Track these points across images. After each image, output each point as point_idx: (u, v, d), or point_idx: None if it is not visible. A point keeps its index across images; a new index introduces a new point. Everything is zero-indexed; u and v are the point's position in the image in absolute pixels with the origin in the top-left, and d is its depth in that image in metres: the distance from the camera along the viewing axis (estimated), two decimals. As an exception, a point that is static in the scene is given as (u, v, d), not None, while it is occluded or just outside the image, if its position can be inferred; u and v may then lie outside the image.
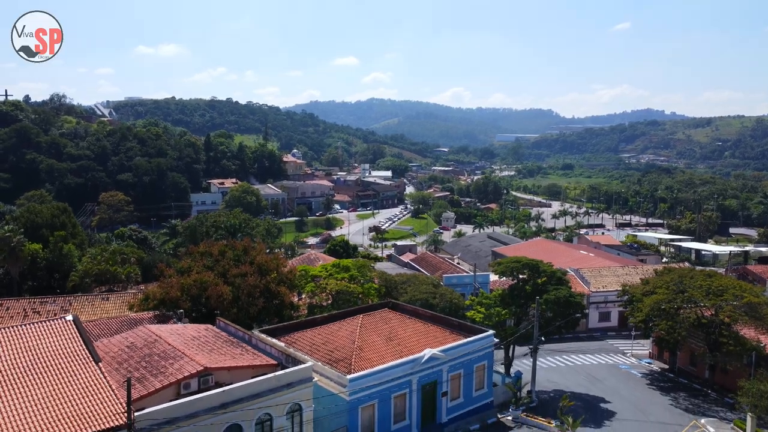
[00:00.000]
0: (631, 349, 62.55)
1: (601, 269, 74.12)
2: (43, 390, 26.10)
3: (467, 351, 40.34)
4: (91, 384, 27.07)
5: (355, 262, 54.07)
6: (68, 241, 73.93)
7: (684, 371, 55.04)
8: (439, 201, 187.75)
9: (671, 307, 49.23)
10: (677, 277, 52.75)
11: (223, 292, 44.78)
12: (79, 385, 26.89)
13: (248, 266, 48.05)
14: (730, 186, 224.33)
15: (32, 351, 28.53)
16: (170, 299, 44.47)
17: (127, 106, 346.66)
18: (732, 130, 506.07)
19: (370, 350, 38.03)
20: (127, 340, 35.42)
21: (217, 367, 31.40)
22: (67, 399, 25.84)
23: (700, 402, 48.05)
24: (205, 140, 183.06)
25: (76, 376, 27.41)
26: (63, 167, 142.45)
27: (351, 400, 34.06)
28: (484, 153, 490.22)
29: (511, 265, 47.83)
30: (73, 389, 26.52)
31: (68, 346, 29.48)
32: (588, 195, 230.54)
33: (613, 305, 69.46)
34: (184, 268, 49.50)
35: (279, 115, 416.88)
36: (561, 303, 44.81)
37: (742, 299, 47.07)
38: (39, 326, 30.46)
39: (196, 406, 27.70)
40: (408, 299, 49.62)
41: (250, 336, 37.10)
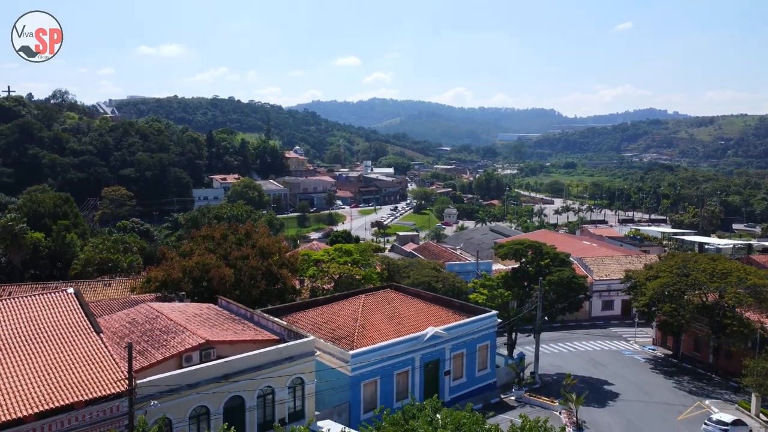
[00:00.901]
0: (635, 336, 62.31)
1: (604, 258, 73.85)
2: (44, 358, 25.95)
3: (470, 330, 40.16)
4: (92, 353, 26.93)
5: (358, 246, 53.87)
6: (71, 230, 73.88)
7: (688, 357, 54.76)
8: (442, 197, 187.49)
9: (675, 291, 48.96)
10: (681, 261, 52.53)
11: (225, 274, 44.64)
12: (80, 353, 26.75)
13: (250, 249, 47.92)
14: (733, 183, 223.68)
15: (33, 321, 28.39)
16: (172, 281, 44.37)
17: (130, 105, 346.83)
18: (735, 128, 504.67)
19: (372, 329, 37.87)
20: (129, 316, 35.32)
21: (219, 340, 31.25)
22: (68, 367, 25.70)
23: (704, 385, 47.79)
24: (207, 136, 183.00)
25: (77, 346, 27.28)
26: (65, 162, 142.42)
27: (353, 376, 33.92)
28: (487, 152, 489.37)
29: (515, 247, 47.60)
30: (74, 358, 26.38)
31: (69, 317, 29.34)
32: (590, 192, 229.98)
33: (616, 293, 69.15)
34: (185, 251, 49.42)
35: (281, 113, 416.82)
36: (564, 284, 44.59)
37: (746, 282, 46.84)
38: (40, 298, 30.34)
39: (197, 376, 27.58)
40: (410, 283, 49.44)
41: (252, 313, 36.96)
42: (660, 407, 41.55)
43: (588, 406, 40.06)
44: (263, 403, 30.21)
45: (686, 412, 40.84)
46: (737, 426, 36.82)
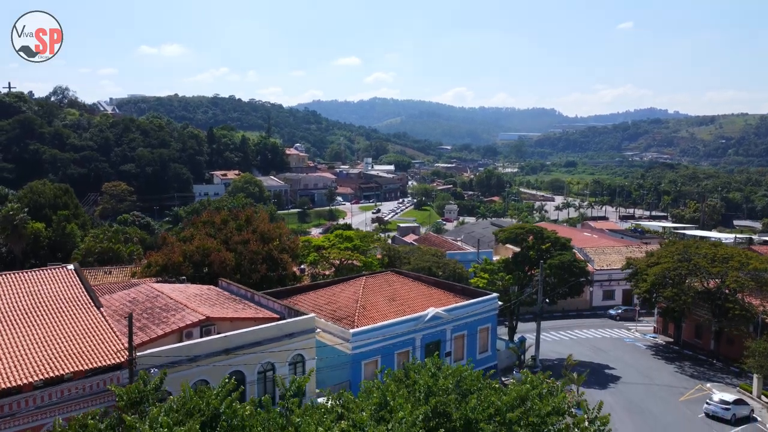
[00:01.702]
0: (636, 325, 62.19)
1: (605, 248, 73.77)
2: (44, 330, 25.89)
3: (471, 312, 40.06)
4: (91, 326, 26.87)
5: (358, 232, 53.79)
6: (71, 221, 73.86)
7: (689, 344, 54.62)
8: (442, 193, 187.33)
9: (676, 276, 48.84)
10: (682, 247, 52.42)
11: (225, 258, 44.62)
12: (80, 326, 26.69)
13: (250, 234, 47.88)
14: (734, 180, 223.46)
15: (33, 295, 28.34)
16: (172, 265, 44.30)
17: (130, 103, 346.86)
18: (736, 128, 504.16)
19: (373, 309, 37.79)
20: (129, 295, 35.26)
21: (219, 317, 31.18)
22: (67, 338, 25.64)
23: (705, 370, 47.70)
24: (207, 132, 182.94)
25: (77, 319, 27.22)
26: (66, 157, 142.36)
27: (353, 355, 33.83)
28: (487, 151, 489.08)
29: (515, 231, 47.53)
30: (73, 330, 26.32)
31: (69, 291, 29.29)
32: (591, 189, 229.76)
33: (617, 283, 69.02)
34: (186, 236, 49.37)
35: (282, 112, 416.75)
36: (565, 268, 44.47)
37: (747, 266, 46.71)
38: (40, 273, 30.32)
39: (197, 350, 27.51)
40: (411, 268, 49.34)
41: (253, 294, 36.92)
42: (661, 389, 41.46)
43: (589, 388, 39.95)
44: (264, 378, 30.13)
45: (687, 394, 40.77)
46: (739, 405, 36.73)
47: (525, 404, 14.67)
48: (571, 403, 15.61)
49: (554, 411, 14.18)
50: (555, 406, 14.42)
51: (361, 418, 14.00)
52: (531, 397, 14.82)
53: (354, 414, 14.38)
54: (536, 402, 14.61)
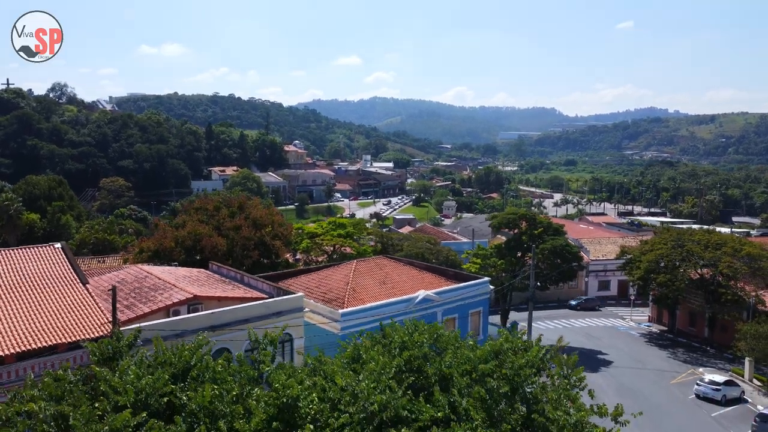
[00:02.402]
0: (630, 315, 62.10)
1: (601, 239, 73.69)
2: (29, 305, 25.81)
3: (462, 296, 39.92)
4: (77, 301, 26.80)
5: (351, 220, 53.72)
6: (65, 212, 73.90)
7: (683, 332, 54.54)
8: (441, 190, 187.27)
9: (670, 261, 48.77)
10: (676, 234, 52.37)
11: (217, 243, 44.52)
12: (65, 301, 26.62)
13: (243, 220, 47.80)
14: (733, 177, 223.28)
15: (19, 271, 28.26)
16: (164, 250, 44.20)
17: (130, 102, 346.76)
18: (736, 126, 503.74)
19: (363, 292, 37.67)
20: (118, 276, 35.16)
21: (207, 295, 31.12)
22: (52, 313, 25.57)
23: (698, 356, 47.61)
24: (206, 129, 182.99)
25: (62, 294, 27.15)
26: (64, 153, 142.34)
27: (343, 335, 33.67)
28: (487, 150, 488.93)
29: (508, 216, 47.44)
30: (58, 305, 26.25)
31: (56, 268, 29.22)
32: (590, 186, 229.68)
33: (612, 274, 68.93)
34: (179, 223, 49.31)
35: (281, 111, 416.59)
36: (558, 252, 44.37)
37: (741, 252, 46.63)
38: (27, 250, 30.25)
39: (183, 326, 27.34)
40: (404, 255, 49.22)
41: (243, 275, 36.87)
42: (653, 373, 41.38)
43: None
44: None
45: (679, 377, 40.69)
46: (729, 386, 36.62)
47: (498, 357, 14.58)
48: (546, 358, 15.47)
49: (528, 364, 14.08)
50: (529, 360, 14.33)
51: (332, 369, 13.94)
52: (504, 351, 14.73)
53: (325, 366, 14.32)
54: (509, 355, 14.52)
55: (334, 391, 13.32)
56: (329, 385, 13.54)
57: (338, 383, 13.08)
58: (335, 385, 13.40)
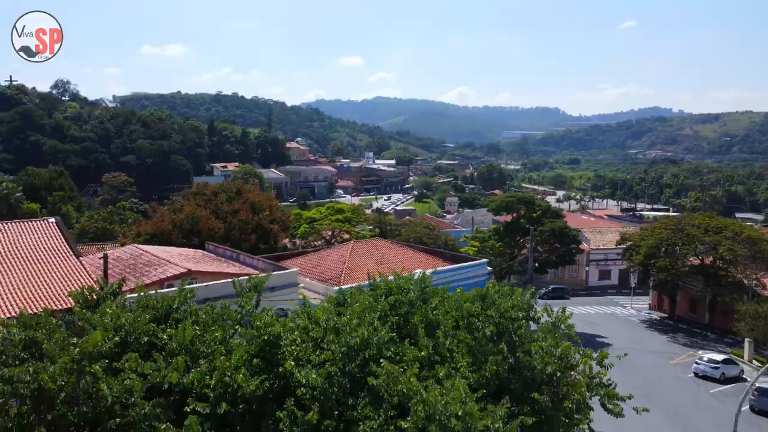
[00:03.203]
0: (631, 303, 61.78)
1: (602, 228, 73.40)
2: (21, 275, 25.77)
3: (460, 276, 39.70)
4: (69, 272, 26.75)
5: (350, 205, 53.61)
6: (66, 202, 74.03)
7: (684, 318, 54.29)
8: (444, 186, 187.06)
9: (669, 246, 48.49)
10: (676, 220, 52.11)
11: (214, 227, 44.48)
12: (58, 273, 26.58)
13: (241, 204, 47.75)
14: (736, 174, 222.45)
15: (13, 243, 28.23)
16: (162, 233, 44.18)
17: (133, 100, 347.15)
18: (740, 125, 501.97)
19: (360, 272, 37.47)
20: (113, 254, 35.15)
21: (201, 270, 31.13)
22: (44, 283, 25.53)
23: (698, 340, 47.36)
24: (208, 125, 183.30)
25: (55, 266, 27.11)
26: (66, 149, 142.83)
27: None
28: (490, 149, 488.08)
29: (507, 200, 47.26)
30: (51, 275, 26.21)
31: (49, 242, 29.19)
32: (593, 182, 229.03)
33: (613, 263, 68.67)
34: (177, 207, 49.34)
35: (284, 109, 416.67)
36: (556, 234, 44.14)
37: (741, 236, 46.33)
38: (21, 224, 30.27)
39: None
40: (402, 239, 49.13)
41: (239, 254, 36.85)
42: (652, 354, 41.14)
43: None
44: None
45: (678, 358, 40.42)
46: (728, 364, 36.37)
47: (485, 301, 14.42)
48: (532, 303, 15.25)
49: (514, 307, 13.92)
50: (515, 303, 14.17)
51: (317, 313, 13.82)
52: (490, 294, 14.57)
53: (309, 309, 14.21)
54: (496, 297, 14.35)
55: (316, 331, 13.22)
56: (312, 326, 13.44)
57: (319, 318, 13.00)
58: (318, 326, 13.29)
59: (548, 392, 12.89)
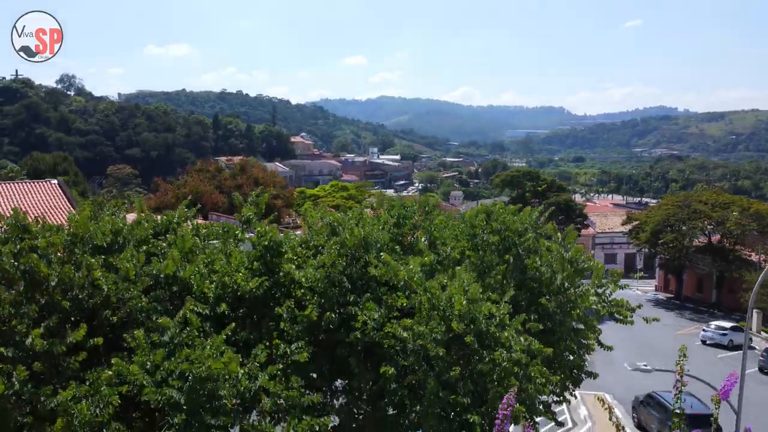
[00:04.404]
0: (637, 286, 61.35)
1: (607, 212, 73.01)
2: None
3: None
4: (72, 228, 26.66)
5: (354, 183, 53.37)
6: (70, 187, 74.03)
7: (690, 298, 53.89)
8: (448, 180, 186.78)
9: (676, 221, 48.08)
10: (683, 196, 51.71)
11: (217, 201, 44.46)
12: (61, 228, 26.48)
13: (244, 179, 47.71)
14: (743, 169, 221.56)
15: (17, 203, 28.16)
16: (165, 207, 44.07)
17: (138, 98, 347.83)
18: (746, 123, 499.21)
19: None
20: (117, 221, 35.06)
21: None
22: (46, 237, 25.44)
23: (705, 317, 46.87)
24: (213, 119, 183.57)
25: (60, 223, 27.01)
26: (72, 141, 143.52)
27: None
28: (495, 147, 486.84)
29: (511, 174, 46.98)
30: (53, 231, 26.11)
31: (53, 202, 29.19)
32: (598, 178, 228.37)
33: (619, 247, 68.22)
34: (180, 183, 49.27)
35: (289, 107, 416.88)
36: (562, 208, 43.83)
37: (749, 210, 45.90)
38: (26, 185, 30.32)
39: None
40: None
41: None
42: (659, 325, 40.61)
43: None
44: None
45: (685, 329, 40.05)
46: (736, 331, 36.02)
47: (490, 216, 14.18)
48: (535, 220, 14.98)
49: (519, 221, 13.67)
50: (521, 218, 13.92)
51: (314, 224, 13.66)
52: (496, 210, 14.32)
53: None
54: (500, 212, 14.11)
55: (317, 240, 13.05)
56: (313, 235, 13.26)
57: (313, 219, 12.94)
58: (319, 236, 13.12)
59: (556, 300, 12.67)
